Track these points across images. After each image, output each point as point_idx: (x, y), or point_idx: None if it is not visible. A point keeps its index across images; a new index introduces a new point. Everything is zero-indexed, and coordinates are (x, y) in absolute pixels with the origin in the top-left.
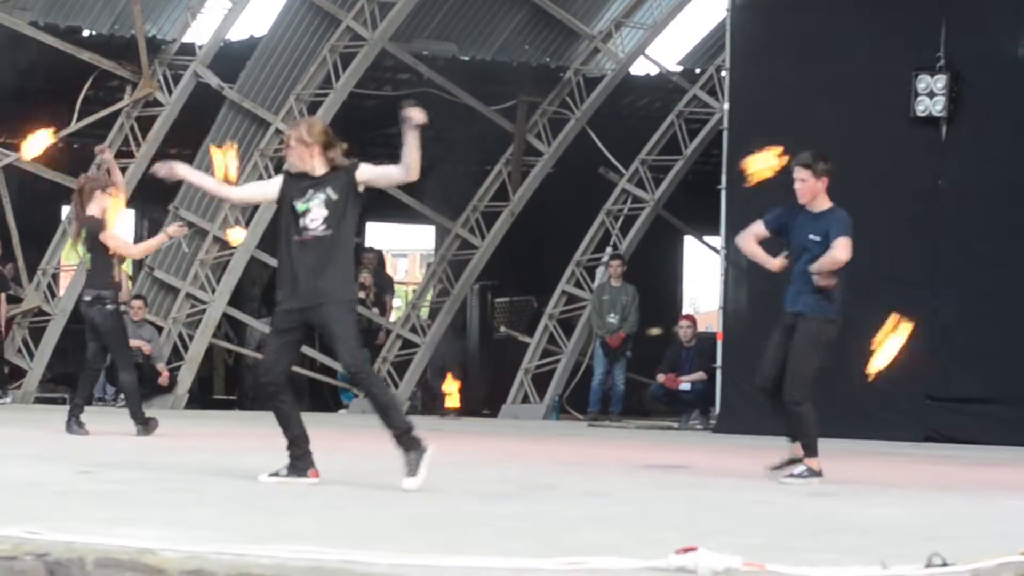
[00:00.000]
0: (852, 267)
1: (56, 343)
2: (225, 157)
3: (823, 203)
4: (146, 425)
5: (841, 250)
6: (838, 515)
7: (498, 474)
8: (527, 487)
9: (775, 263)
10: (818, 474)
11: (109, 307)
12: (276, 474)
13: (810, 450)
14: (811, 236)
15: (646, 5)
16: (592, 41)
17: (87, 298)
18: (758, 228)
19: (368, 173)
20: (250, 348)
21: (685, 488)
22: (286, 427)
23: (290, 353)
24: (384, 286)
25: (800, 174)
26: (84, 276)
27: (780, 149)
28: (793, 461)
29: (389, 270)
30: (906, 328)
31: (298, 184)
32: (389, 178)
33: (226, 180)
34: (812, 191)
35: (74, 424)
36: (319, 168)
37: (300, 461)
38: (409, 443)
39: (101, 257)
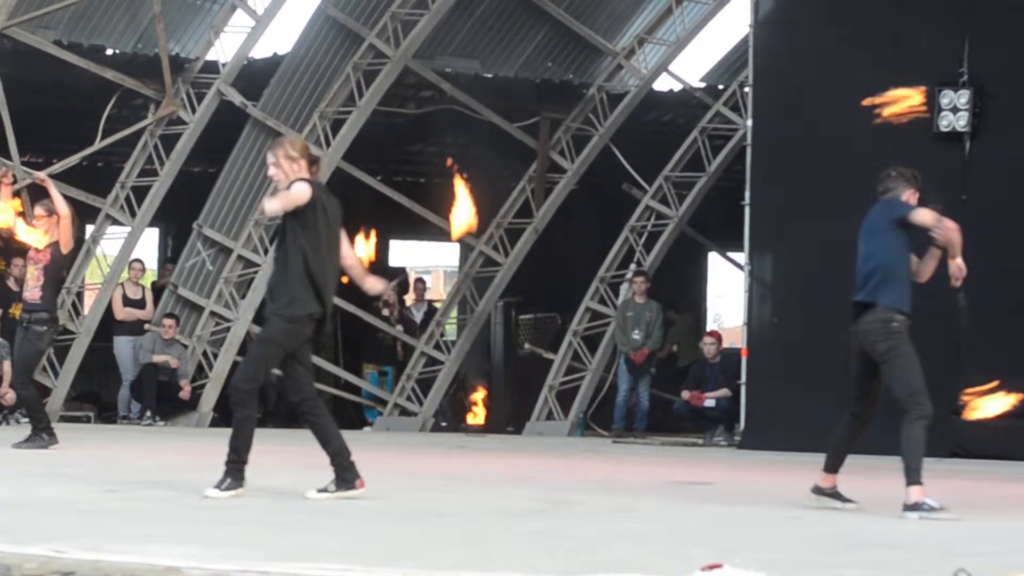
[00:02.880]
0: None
1: (81, 361)
2: None
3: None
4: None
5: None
6: (864, 531)
7: (523, 491)
8: (553, 504)
9: None
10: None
11: None
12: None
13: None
14: None
15: (669, 21)
16: (615, 58)
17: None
18: None
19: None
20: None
21: (710, 504)
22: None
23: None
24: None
25: None
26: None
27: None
28: (838, 494)
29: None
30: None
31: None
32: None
33: None
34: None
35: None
36: None
37: (347, 472)
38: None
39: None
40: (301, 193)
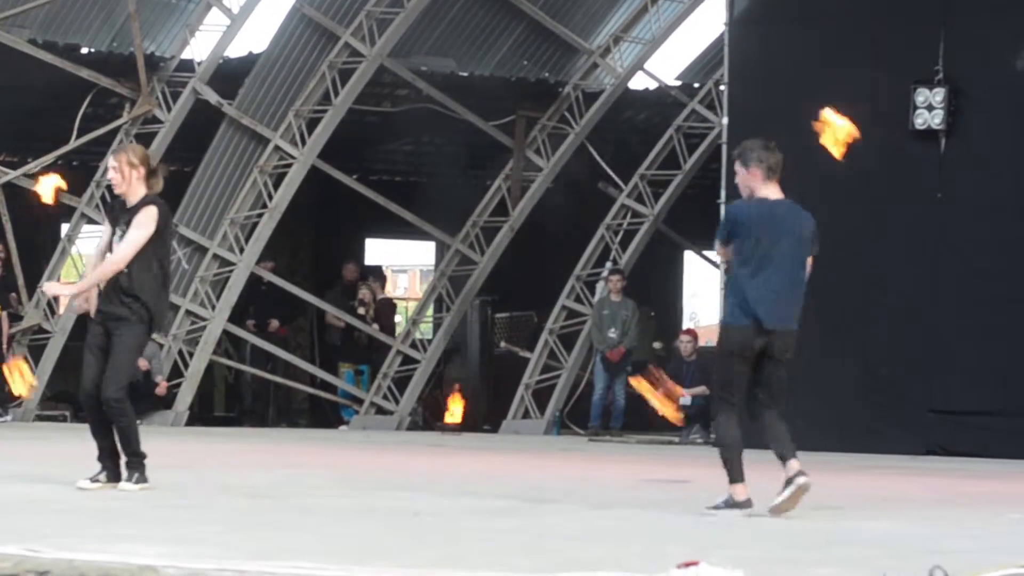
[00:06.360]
0: (849, 280)
1: (56, 361)
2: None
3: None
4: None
5: None
6: (840, 529)
7: (499, 489)
8: (528, 502)
9: None
10: (742, 504)
11: None
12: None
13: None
14: None
15: (644, 20)
16: (591, 56)
17: None
18: None
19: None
20: (248, 365)
21: (686, 502)
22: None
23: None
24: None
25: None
26: None
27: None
28: (790, 482)
29: (389, 286)
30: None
31: (120, 209)
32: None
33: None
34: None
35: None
36: (135, 195)
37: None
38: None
39: None
40: (152, 220)
